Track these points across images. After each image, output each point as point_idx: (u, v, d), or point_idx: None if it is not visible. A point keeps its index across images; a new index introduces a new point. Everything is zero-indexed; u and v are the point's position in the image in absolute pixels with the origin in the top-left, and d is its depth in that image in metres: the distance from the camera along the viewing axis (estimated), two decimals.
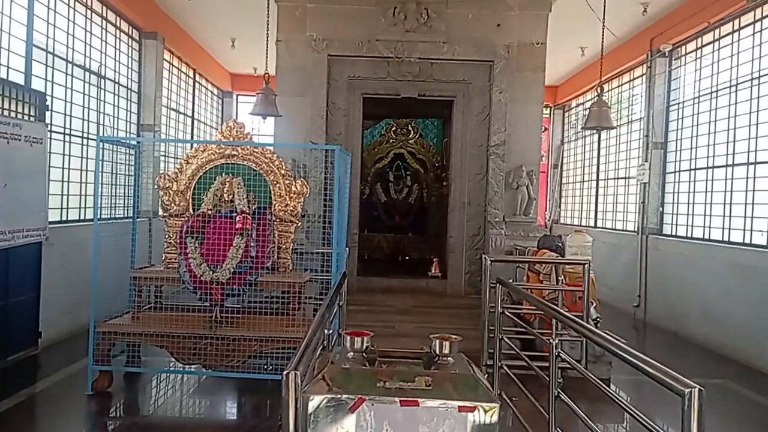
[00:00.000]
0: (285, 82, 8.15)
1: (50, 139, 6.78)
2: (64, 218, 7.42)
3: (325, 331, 2.98)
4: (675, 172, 9.36)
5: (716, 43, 8.39)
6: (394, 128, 11.78)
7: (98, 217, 5.45)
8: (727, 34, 8.13)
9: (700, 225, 8.48)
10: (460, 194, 8.48)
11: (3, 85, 5.95)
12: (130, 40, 9.39)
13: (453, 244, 8.53)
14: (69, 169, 7.55)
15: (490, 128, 8.15)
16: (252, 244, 5.25)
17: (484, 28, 8.15)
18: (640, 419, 2.27)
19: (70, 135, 7.58)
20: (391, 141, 11.86)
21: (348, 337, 2.82)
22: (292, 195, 5.72)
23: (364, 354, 2.78)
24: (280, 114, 7.81)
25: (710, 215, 8.26)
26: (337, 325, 4.27)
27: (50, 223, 6.54)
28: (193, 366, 5.41)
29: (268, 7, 7.53)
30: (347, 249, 6.73)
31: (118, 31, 8.97)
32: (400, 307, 7.72)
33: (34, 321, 6.45)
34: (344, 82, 8.28)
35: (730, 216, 7.78)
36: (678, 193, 9.24)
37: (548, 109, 14.63)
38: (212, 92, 14.07)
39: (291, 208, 5.72)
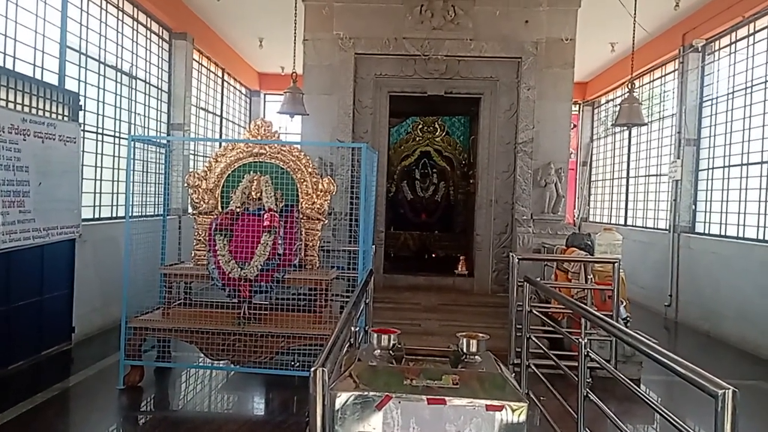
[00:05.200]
0: (312, 81, 8.19)
1: (83, 138, 6.92)
2: (96, 216, 7.56)
3: (352, 329, 2.99)
4: (708, 169, 9.16)
5: (751, 38, 8.20)
6: (420, 126, 11.78)
7: (130, 214, 5.54)
8: (763, 29, 7.92)
9: (734, 223, 8.29)
10: (487, 192, 8.42)
11: (38, 85, 6.10)
12: (160, 40, 9.54)
13: (480, 242, 8.48)
14: (101, 167, 7.70)
15: (518, 125, 8.09)
16: (279, 242, 5.28)
17: (512, 24, 8.08)
18: (671, 420, 2.23)
19: (102, 134, 7.73)
20: (417, 139, 11.86)
21: (375, 335, 2.82)
22: (319, 193, 5.75)
23: (390, 351, 2.77)
24: (307, 112, 7.85)
25: (745, 213, 8.07)
26: (364, 322, 4.27)
27: (83, 220, 6.69)
28: (221, 362, 5.48)
29: (295, 6, 7.57)
30: (373, 247, 6.74)
31: (148, 32, 9.11)
32: (426, 305, 7.70)
33: (68, 316, 6.59)
34: (371, 80, 8.28)
35: (765, 213, 7.58)
36: (711, 190, 9.04)
37: (577, 105, 14.45)
38: (240, 91, 14.21)
39: (318, 206, 5.75)
